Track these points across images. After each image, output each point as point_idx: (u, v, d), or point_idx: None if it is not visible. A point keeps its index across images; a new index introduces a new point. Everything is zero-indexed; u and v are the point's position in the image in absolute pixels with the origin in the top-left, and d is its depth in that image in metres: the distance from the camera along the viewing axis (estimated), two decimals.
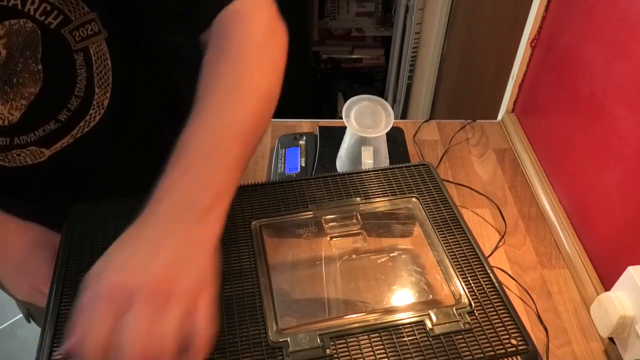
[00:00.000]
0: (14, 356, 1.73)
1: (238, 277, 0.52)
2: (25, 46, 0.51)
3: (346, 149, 0.83)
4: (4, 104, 0.53)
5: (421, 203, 0.62)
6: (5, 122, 0.54)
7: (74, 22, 0.52)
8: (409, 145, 0.95)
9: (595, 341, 0.71)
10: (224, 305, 0.49)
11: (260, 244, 0.56)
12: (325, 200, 0.61)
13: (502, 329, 0.49)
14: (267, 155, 0.98)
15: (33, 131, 0.57)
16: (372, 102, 0.82)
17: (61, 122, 0.58)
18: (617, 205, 0.73)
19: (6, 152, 0.57)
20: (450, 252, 0.56)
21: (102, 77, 0.58)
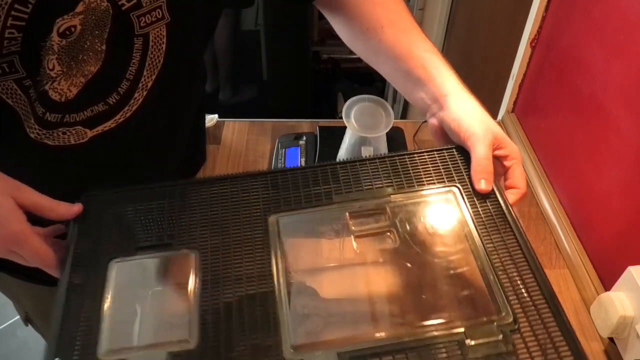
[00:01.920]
0: (14, 356, 1.73)
1: (251, 281, 0.48)
2: (96, 25, 0.52)
3: (346, 149, 0.83)
4: (67, 79, 0.55)
5: (462, 194, 0.52)
6: (62, 99, 0.56)
7: (144, 7, 0.54)
8: (409, 145, 0.95)
9: (595, 341, 0.71)
10: (235, 312, 0.45)
11: (277, 243, 0.51)
12: (352, 190, 0.53)
13: (553, 354, 0.41)
14: (267, 155, 0.98)
15: (83, 110, 0.58)
16: (372, 102, 0.82)
17: (109, 105, 0.59)
18: (617, 205, 0.73)
19: (54, 129, 0.58)
20: (494, 256, 0.47)
21: (153, 61, 0.59)
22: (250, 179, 0.55)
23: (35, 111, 0.55)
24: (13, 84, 0.52)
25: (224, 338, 0.43)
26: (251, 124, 1.06)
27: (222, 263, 0.49)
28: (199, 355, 0.43)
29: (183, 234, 0.51)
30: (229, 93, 2.54)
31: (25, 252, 0.49)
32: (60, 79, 0.55)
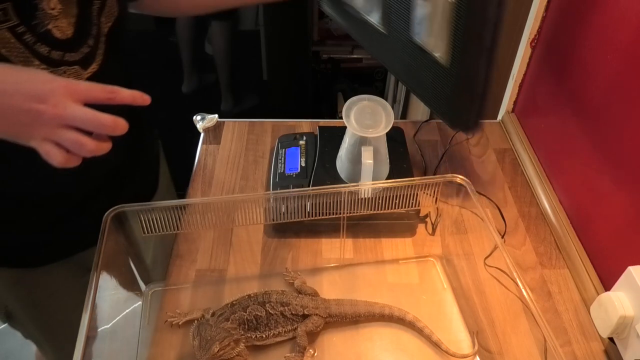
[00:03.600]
0: (14, 356, 1.73)
1: None
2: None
3: (346, 149, 0.83)
4: (65, 17, 0.62)
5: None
6: (63, 36, 0.62)
7: None
8: (409, 145, 0.95)
9: (595, 341, 0.71)
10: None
11: None
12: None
13: None
14: (267, 155, 0.98)
15: (77, 50, 0.65)
16: (372, 102, 0.82)
17: (90, 47, 0.67)
18: (617, 205, 0.73)
19: (57, 66, 0.63)
20: None
21: (110, 9, 0.69)
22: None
23: (39, 52, 0.60)
24: (7, 32, 0.56)
25: None
26: (251, 124, 1.06)
27: None
28: None
29: None
30: (230, 103, 2.56)
31: (78, 112, 0.50)
32: (61, 17, 0.61)
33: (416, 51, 0.78)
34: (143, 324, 0.73)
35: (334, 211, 0.75)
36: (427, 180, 0.79)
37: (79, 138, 0.50)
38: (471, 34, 0.67)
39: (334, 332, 0.72)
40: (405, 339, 0.71)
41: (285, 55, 2.21)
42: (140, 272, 0.79)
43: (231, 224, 0.77)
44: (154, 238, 0.71)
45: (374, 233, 0.84)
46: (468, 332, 0.72)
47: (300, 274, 0.78)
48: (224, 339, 0.63)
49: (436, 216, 0.85)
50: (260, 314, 0.67)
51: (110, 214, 0.67)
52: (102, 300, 0.62)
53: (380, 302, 0.72)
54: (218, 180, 0.93)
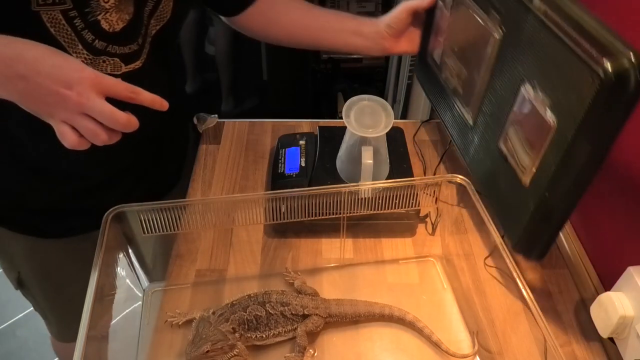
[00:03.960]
0: (14, 356, 1.73)
1: None
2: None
3: (346, 149, 0.83)
4: (117, 12, 0.65)
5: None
6: (111, 29, 0.66)
7: None
8: (409, 145, 0.95)
9: (595, 341, 0.72)
10: None
11: None
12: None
13: None
14: (267, 155, 0.98)
15: (123, 46, 0.69)
16: (372, 102, 0.82)
17: (138, 45, 0.71)
18: (617, 205, 0.73)
19: (98, 56, 0.67)
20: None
21: (162, 13, 0.72)
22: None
23: (84, 38, 0.65)
24: (59, 14, 0.61)
25: None
26: (251, 124, 1.06)
27: None
28: None
29: None
30: (231, 104, 2.56)
31: (99, 101, 0.53)
32: (112, 11, 0.65)
33: (497, 155, 0.73)
34: (143, 324, 0.73)
35: (334, 211, 0.75)
36: (427, 180, 0.79)
37: (95, 128, 0.53)
38: (567, 165, 0.60)
39: (334, 332, 0.72)
40: (405, 339, 0.71)
41: (285, 55, 2.21)
42: (140, 272, 0.79)
43: (231, 224, 0.77)
44: (154, 238, 0.71)
45: (374, 233, 0.84)
46: (468, 332, 0.72)
47: (300, 274, 0.78)
48: (217, 342, 0.63)
49: (436, 216, 0.85)
50: (260, 314, 0.67)
51: (110, 214, 0.67)
52: (102, 300, 0.62)
53: (380, 302, 0.72)
54: (218, 180, 0.93)
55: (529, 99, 0.66)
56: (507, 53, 0.70)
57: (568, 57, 0.57)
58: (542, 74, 0.63)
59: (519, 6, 0.66)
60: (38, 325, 1.79)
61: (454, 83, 0.86)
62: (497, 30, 0.72)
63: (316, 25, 0.93)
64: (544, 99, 0.63)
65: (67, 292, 0.95)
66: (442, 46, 0.89)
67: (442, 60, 0.90)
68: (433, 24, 0.91)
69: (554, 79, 0.61)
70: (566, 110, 0.59)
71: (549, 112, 0.62)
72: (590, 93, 0.54)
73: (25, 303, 1.03)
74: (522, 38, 0.67)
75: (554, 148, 0.61)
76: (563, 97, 0.59)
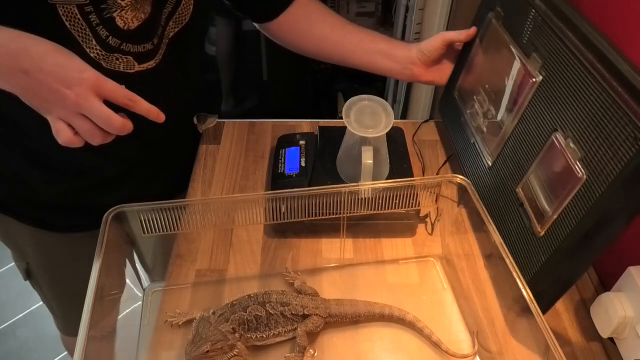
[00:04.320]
0: (14, 356, 1.73)
1: None
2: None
3: (346, 149, 0.83)
4: (133, 11, 0.66)
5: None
6: (125, 27, 0.67)
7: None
8: (409, 145, 0.95)
9: (595, 341, 0.71)
10: None
11: None
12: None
13: None
14: (267, 155, 0.98)
15: (137, 45, 0.69)
16: (372, 102, 0.82)
17: (153, 45, 0.71)
18: None
19: (111, 52, 0.68)
20: None
21: (180, 16, 0.73)
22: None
23: (99, 34, 0.66)
24: (75, 8, 0.62)
25: None
26: (251, 124, 1.06)
27: None
28: None
29: None
30: (231, 104, 2.56)
31: (97, 103, 0.54)
32: (128, 9, 0.66)
33: (512, 199, 0.72)
34: (143, 324, 0.73)
35: (334, 211, 0.75)
36: (427, 180, 0.79)
37: (90, 128, 0.55)
38: (592, 221, 0.58)
39: (334, 332, 0.72)
40: (405, 339, 0.71)
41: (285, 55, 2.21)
42: (140, 272, 0.79)
43: (231, 224, 0.77)
44: (154, 238, 0.71)
45: (374, 233, 0.84)
46: (468, 332, 0.72)
47: (300, 274, 0.78)
48: (217, 342, 0.63)
49: (436, 216, 0.85)
50: (260, 314, 0.67)
51: (110, 214, 0.67)
52: (102, 300, 0.62)
53: (380, 302, 0.72)
54: (218, 180, 0.93)
55: (559, 148, 0.64)
56: (543, 99, 0.68)
57: (611, 112, 0.56)
58: (579, 125, 0.61)
59: (566, 53, 0.64)
60: (38, 325, 1.80)
61: (479, 121, 0.85)
62: (536, 74, 0.70)
63: (346, 41, 0.92)
64: (577, 150, 0.61)
65: (72, 285, 0.95)
66: (473, 82, 0.88)
67: (470, 96, 0.89)
68: (467, 58, 0.90)
69: (591, 132, 0.59)
70: (600, 166, 0.57)
71: (580, 165, 0.60)
72: (630, 152, 0.53)
73: (25, 303, 1.03)
74: (563, 85, 0.65)
75: (579, 201, 0.59)
76: (598, 151, 0.57)
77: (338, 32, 0.92)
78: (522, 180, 0.71)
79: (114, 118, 0.54)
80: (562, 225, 0.62)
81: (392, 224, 0.83)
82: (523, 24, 0.74)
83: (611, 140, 0.56)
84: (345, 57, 0.94)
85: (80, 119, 0.54)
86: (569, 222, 0.60)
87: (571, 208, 0.61)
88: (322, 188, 0.73)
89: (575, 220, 0.60)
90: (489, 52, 0.84)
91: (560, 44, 0.66)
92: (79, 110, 0.53)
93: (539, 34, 0.71)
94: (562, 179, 0.63)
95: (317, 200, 0.72)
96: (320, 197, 0.72)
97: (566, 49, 0.65)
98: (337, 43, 0.93)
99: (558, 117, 0.65)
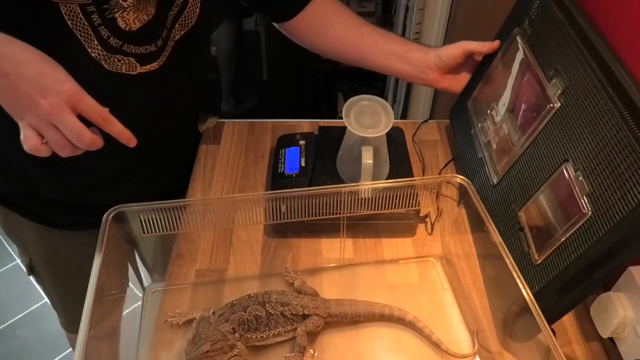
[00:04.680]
0: (14, 356, 1.73)
1: None
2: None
3: (346, 149, 0.83)
4: (135, 12, 0.66)
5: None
6: (127, 28, 0.67)
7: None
8: (409, 145, 0.95)
9: (595, 341, 0.71)
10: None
11: None
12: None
13: None
14: (267, 155, 0.98)
15: (139, 46, 0.69)
16: (372, 102, 0.82)
17: (157, 47, 0.71)
18: None
19: (112, 53, 0.68)
20: None
21: (186, 19, 0.73)
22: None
23: (100, 34, 0.66)
24: (77, 7, 0.62)
25: None
26: (251, 124, 1.06)
27: None
28: None
29: None
30: (231, 104, 2.56)
31: (70, 118, 0.53)
32: (130, 10, 0.65)
33: (513, 221, 0.71)
34: (143, 323, 0.73)
35: (334, 211, 0.75)
36: (427, 180, 0.79)
37: (60, 140, 0.55)
38: (591, 258, 0.57)
39: (334, 332, 0.72)
40: (405, 339, 0.71)
41: (285, 55, 2.21)
42: (140, 272, 0.79)
43: (231, 224, 0.77)
44: (154, 238, 0.71)
45: (374, 233, 0.84)
46: (468, 332, 0.72)
47: (300, 274, 0.78)
48: (217, 342, 0.63)
49: (436, 216, 0.85)
50: (260, 314, 0.67)
51: (110, 214, 0.67)
52: (102, 300, 0.62)
53: (380, 302, 0.72)
54: (218, 180, 0.93)
55: (568, 179, 0.62)
56: (558, 126, 0.67)
57: (626, 153, 0.55)
58: (591, 159, 0.59)
59: (589, 85, 0.62)
60: (38, 325, 1.80)
61: (490, 136, 0.84)
62: (555, 101, 0.68)
63: (361, 42, 0.92)
64: (586, 185, 0.59)
65: (74, 282, 0.95)
66: (489, 96, 0.86)
67: (484, 109, 0.87)
68: (486, 71, 0.88)
69: (603, 169, 0.58)
70: (606, 205, 0.56)
71: (586, 200, 0.59)
72: (638, 198, 0.51)
73: (25, 303, 1.03)
74: (581, 116, 0.63)
75: (581, 237, 0.58)
76: (607, 190, 0.56)
77: (354, 32, 0.92)
78: (525, 205, 0.70)
79: (84, 133, 0.54)
80: (560, 257, 0.61)
81: (392, 224, 0.83)
82: (549, 46, 0.72)
83: (622, 181, 0.54)
84: (359, 58, 0.94)
85: (51, 129, 0.54)
86: (567, 256, 0.59)
87: (571, 242, 0.59)
88: (322, 188, 0.73)
89: (573, 255, 0.58)
90: (509, 69, 0.82)
91: (584, 74, 0.64)
92: (51, 121, 0.53)
93: (564, 59, 0.69)
94: (567, 212, 0.61)
95: (317, 200, 0.72)
96: (320, 197, 0.72)
97: (589, 80, 0.63)
98: (352, 44, 0.92)
99: (571, 147, 0.63)
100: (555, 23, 0.73)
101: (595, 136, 0.60)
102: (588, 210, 0.58)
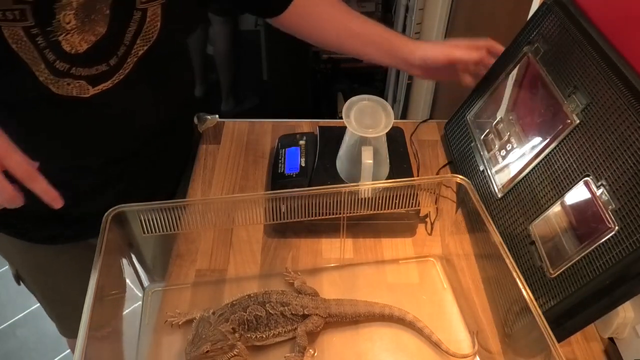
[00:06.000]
0: (14, 356, 1.73)
1: None
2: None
3: (346, 149, 0.83)
4: (79, 34, 0.63)
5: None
6: (73, 51, 0.63)
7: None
8: (409, 145, 0.95)
9: (595, 341, 0.72)
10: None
11: None
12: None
13: None
14: (267, 155, 0.98)
15: (89, 67, 0.66)
16: (372, 102, 0.82)
17: (109, 66, 0.68)
18: None
19: (60, 77, 0.65)
20: None
21: (147, 33, 0.69)
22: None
23: (47, 57, 0.62)
24: (21, 31, 0.59)
25: None
26: (251, 124, 1.06)
27: None
28: None
29: None
30: (231, 104, 2.56)
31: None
32: (74, 33, 0.62)
33: (523, 235, 0.70)
34: (143, 324, 0.73)
35: (334, 211, 0.75)
36: (427, 180, 0.79)
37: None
38: (617, 274, 0.55)
39: (334, 332, 0.72)
40: (405, 339, 0.71)
41: (285, 55, 2.21)
42: (140, 272, 0.79)
43: (231, 224, 0.77)
44: (154, 238, 0.71)
45: (374, 233, 0.84)
46: (468, 332, 0.72)
47: (300, 274, 0.78)
48: (217, 342, 0.63)
49: (436, 216, 0.85)
50: (260, 314, 0.67)
51: (110, 214, 0.67)
52: (102, 300, 0.62)
53: (380, 302, 0.72)
54: (218, 180, 0.93)
55: (590, 194, 0.61)
56: (577, 142, 0.66)
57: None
58: (617, 176, 0.58)
59: (613, 100, 0.61)
60: (38, 325, 1.80)
61: (494, 151, 0.83)
62: (573, 118, 0.67)
63: (349, 33, 0.92)
64: (611, 200, 0.58)
65: (63, 293, 0.95)
66: (495, 111, 0.85)
67: (488, 124, 0.86)
68: (490, 87, 0.88)
69: (630, 184, 0.56)
70: (637, 221, 0.54)
71: (612, 215, 0.58)
72: None
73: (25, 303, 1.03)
74: (604, 133, 0.62)
75: (607, 251, 0.57)
76: (638, 205, 0.55)
77: (356, 22, 0.93)
78: (538, 218, 0.69)
79: (6, 190, 0.54)
80: (581, 272, 0.59)
81: (392, 224, 0.83)
82: (566, 64, 0.71)
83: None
84: (346, 47, 0.93)
85: None
86: (590, 270, 0.58)
87: (595, 257, 0.58)
88: (322, 188, 0.73)
89: (598, 270, 0.57)
90: (519, 85, 0.82)
91: (609, 92, 0.63)
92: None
93: (584, 77, 0.67)
94: (588, 226, 0.60)
95: (317, 200, 0.72)
96: (320, 197, 0.72)
97: (615, 97, 0.62)
98: (354, 34, 0.93)
99: (592, 162, 0.62)
100: (572, 40, 0.72)
101: (621, 152, 0.59)
102: (614, 225, 0.57)
